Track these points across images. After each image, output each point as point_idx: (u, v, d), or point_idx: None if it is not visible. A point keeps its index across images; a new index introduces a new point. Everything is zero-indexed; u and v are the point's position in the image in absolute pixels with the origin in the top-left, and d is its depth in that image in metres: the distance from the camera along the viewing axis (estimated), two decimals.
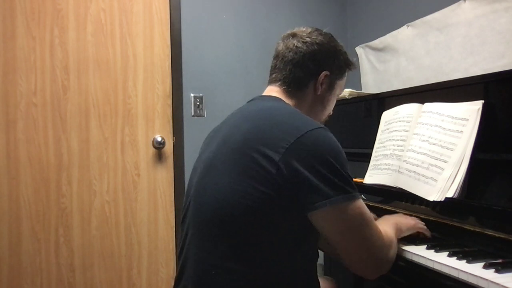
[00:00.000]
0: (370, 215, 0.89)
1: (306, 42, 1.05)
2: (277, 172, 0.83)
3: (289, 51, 1.05)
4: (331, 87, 1.09)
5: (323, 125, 0.91)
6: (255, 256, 0.86)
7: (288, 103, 1.03)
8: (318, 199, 0.83)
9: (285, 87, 1.05)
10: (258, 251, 0.86)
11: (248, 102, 1.07)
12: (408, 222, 1.08)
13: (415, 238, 1.08)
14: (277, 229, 0.86)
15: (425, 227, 1.10)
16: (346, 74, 1.14)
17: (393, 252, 0.93)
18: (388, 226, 0.98)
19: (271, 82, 1.09)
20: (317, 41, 1.05)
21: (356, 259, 0.88)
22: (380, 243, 0.89)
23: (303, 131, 0.86)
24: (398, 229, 1.01)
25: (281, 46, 1.08)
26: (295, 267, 0.90)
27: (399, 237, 1.02)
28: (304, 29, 1.09)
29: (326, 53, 1.06)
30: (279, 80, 1.06)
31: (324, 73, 1.05)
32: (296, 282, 0.91)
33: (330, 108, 1.14)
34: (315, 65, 1.05)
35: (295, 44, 1.05)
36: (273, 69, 1.09)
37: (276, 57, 1.09)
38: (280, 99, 1.03)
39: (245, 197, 0.85)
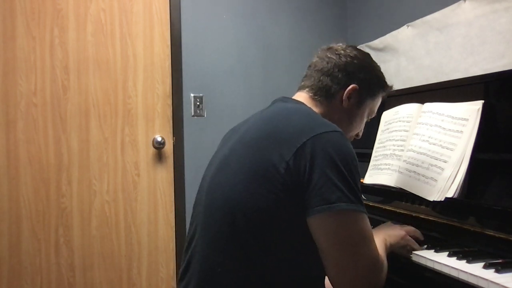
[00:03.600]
0: (371, 232, 0.85)
1: (339, 54, 1.05)
2: (286, 172, 0.82)
3: (322, 61, 1.06)
4: (360, 103, 1.06)
5: (340, 130, 0.89)
6: (263, 257, 0.85)
7: (311, 108, 1.01)
8: (318, 203, 0.80)
9: (311, 94, 1.04)
10: (266, 253, 0.85)
11: (273, 102, 1.07)
12: (397, 234, 1.03)
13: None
14: (286, 231, 0.85)
15: (416, 232, 1.06)
16: (380, 96, 1.10)
17: (384, 275, 0.87)
18: (378, 244, 0.91)
19: (299, 88, 1.09)
20: (351, 55, 1.05)
21: (345, 277, 0.82)
22: (375, 265, 0.84)
23: (318, 132, 0.84)
24: (386, 246, 0.96)
25: (315, 58, 1.09)
26: (303, 271, 0.88)
27: (387, 252, 0.96)
28: (340, 44, 1.09)
29: (358, 66, 1.04)
30: (307, 87, 1.06)
31: (352, 86, 1.03)
32: (302, 284, 0.89)
33: (357, 126, 1.10)
34: (344, 76, 1.03)
35: (328, 55, 1.06)
36: (304, 77, 1.09)
37: (309, 67, 1.09)
38: (303, 103, 1.02)
39: (255, 196, 0.84)
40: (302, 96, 1.05)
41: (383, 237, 0.98)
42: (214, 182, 0.95)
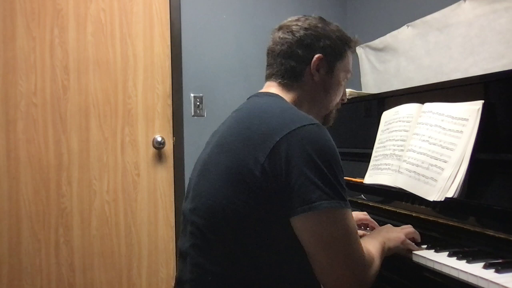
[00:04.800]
0: (355, 229, 0.83)
1: (291, 31, 1.01)
2: (262, 175, 0.80)
3: (276, 45, 1.02)
4: (330, 70, 1.01)
5: (317, 122, 0.85)
6: (251, 262, 0.84)
7: (285, 98, 0.98)
8: (299, 203, 0.78)
9: (280, 80, 1.00)
10: (253, 258, 0.84)
11: (248, 99, 1.04)
12: (396, 238, 1.00)
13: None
14: (271, 235, 0.84)
15: (412, 239, 1.03)
16: (348, 54, 1.05)
17: (373, 272, 0.85)
18: (373, 244, 0.92)
19: (266, 78, 1.05)
20: (304, 26, 1.00)
21: (331, 275, 0.81)
22: (361, 262, 0.83)
23: (291, 128, 0.81)
24: (383, 249, 0.94)
25: (270, 42, 1.05)
26: (294, 272, 0.88)
27: (386, 255, 0.95)
28: (291, 18, 1.05)
29: (314, 36, 0.99)
30: (273, 75, 1.02)
31: (317, 56, 0.98)
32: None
33: (337, 94, 1.05)
34: (304, 51, 0.99)
35: (281, 36, 1.02)
36: (267, 66, 1.06)
37: (267, 54, 1.06)
38: (276, 95, 0.99)
39: (236, 202, 0.82)
40: (272, 86, 1.02)
41: (382, 240, 0.96)
42: (197, 190, 0.93)
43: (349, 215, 0.82)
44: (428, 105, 1.26)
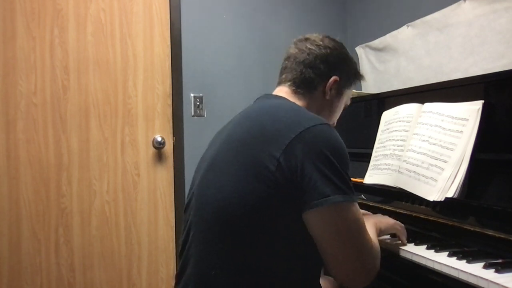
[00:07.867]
0: (364, 221, 0.87)
1: (319, 45, 1.06)
2: (277, 169, 0.82)
3: (302, 53, 1.06)
4: (339, 94, 1.09)
5: (327, 122, 0.90)
6: (257, 257, 0.85)
7: (294, 102, 1.02)
8: (314, 197, 0.80)
9: (294, 87, 1.05)
10: (259, 253, 0.85)
11: (255, 100, 1.07)
12: (387, 221, 1.08)
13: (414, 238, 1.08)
14: (279, 230, 0.85)
15: (403, 228, 1.09)
16: (354, 84, 1.15)
17: (379, 260, 0.89)
18: (371, 230, 0.95)
19: (280, 82, 1.09)
20: (330, 46, 1.07)
21: (344, 267, 0.84)
22: (371, 254, 0.86)
23: (305, 126, 0.85)
24: (377, 230, 1.01)
25: (293, 49, 1.09)
26: (297, 270, 0.89)
27: (378, 237, 1.00)
28: (316, 34, 1.10)
29: (337, 57, 1.07)
30: (289, 80, 1.06)
31: (334, 77, 1.05)
32: (297, 285, 0.90)
33: (337, 115, 1.13)
34: (326, 67, 1.05)
35: (308, 46, 1.07)
36: (284, 69, 1.09)
37: (288, 58, 1.10)
38: (285, 98, 1.03)
39: (246, 196, 0.84)
40: (283, 91, 1.06)
41: (373, 222, 1.01)
42: (204, 185, 0.94)
43: (358, 208, 0.86)
44: (428, 105, 1.27)
